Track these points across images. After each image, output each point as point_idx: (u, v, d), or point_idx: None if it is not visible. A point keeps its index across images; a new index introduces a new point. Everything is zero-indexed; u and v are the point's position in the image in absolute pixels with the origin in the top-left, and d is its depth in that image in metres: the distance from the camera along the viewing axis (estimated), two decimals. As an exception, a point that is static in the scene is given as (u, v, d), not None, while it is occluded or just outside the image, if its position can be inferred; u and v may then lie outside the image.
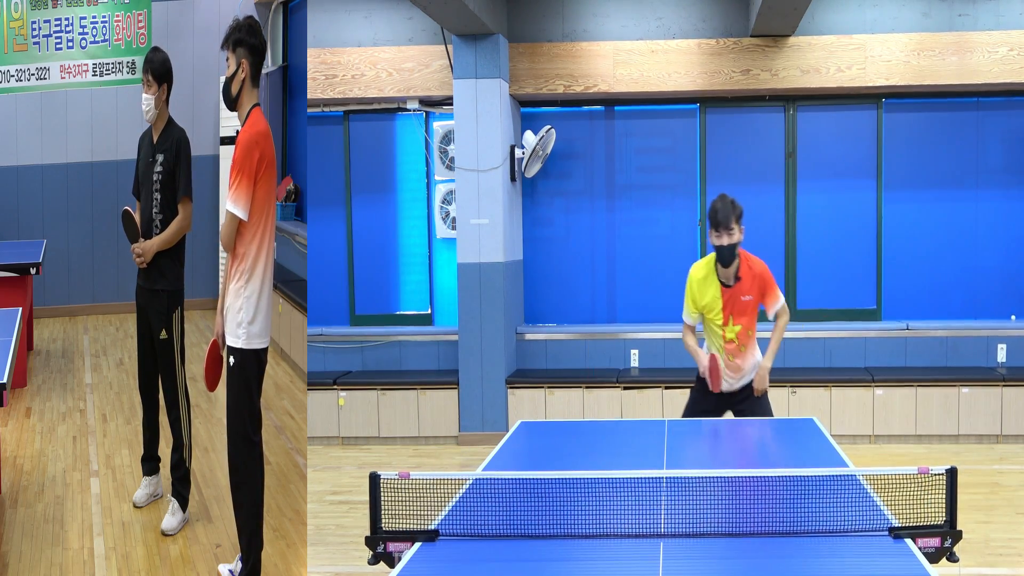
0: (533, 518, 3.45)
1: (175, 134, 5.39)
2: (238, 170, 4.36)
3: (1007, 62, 8.42)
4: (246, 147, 4.37)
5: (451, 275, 9.33)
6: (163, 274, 5.38)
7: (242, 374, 4.51)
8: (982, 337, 8.70)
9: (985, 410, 8.26)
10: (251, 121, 4.47)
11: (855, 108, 9.02)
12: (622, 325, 9.17)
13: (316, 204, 9.60)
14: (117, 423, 7.33)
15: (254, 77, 4.54)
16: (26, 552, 5.20)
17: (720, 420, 5.59)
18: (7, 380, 4.98)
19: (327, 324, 9.44)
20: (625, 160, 9.28)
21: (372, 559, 3.42)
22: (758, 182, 9.11)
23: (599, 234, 9.33)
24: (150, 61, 5.31)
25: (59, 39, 9.33)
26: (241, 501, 4.62)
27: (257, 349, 4.53)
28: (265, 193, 4.45)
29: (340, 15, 9.05)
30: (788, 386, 8.40)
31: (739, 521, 3.41)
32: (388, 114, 9.45)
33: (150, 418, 5.72)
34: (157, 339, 5.42)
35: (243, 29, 4.52)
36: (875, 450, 8.22)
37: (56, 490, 6.05)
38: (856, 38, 8.55)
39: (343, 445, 8.81)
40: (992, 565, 5.53)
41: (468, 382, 8.65)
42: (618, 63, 8.73)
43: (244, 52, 4.49)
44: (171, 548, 5.23)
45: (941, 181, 8.98)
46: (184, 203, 5.34)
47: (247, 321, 4.48)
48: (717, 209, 5.37)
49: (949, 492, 3.38)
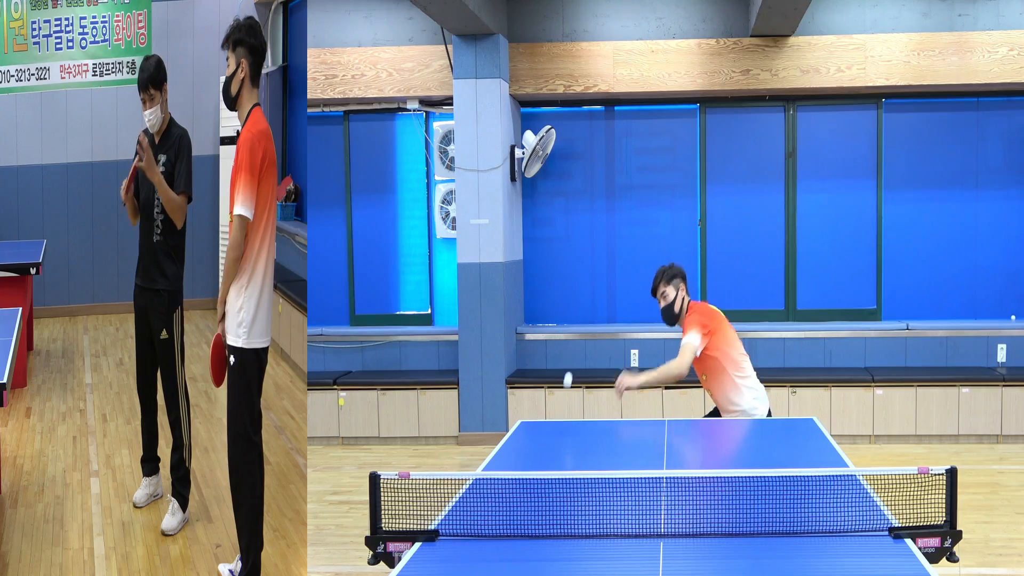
0: (533, 518, 3.45)
1: (178, 133, 5.38)
2: (241, 170, 4.36)
3: (1007, 62, 8.42)
4: (248, 147, 4.37)
5: (451, 275, 9.33)
6: (163, 273, 5.38)
7: (242, 374, 4.51)
8: (982, 337, 8.70)
9: (985, 410, 8.26)
10: (252, 121, 4.47)
11: (855, 108, 9.02)
12: (622, 325, 9.17)
13: (316, 204, 9.60)
14: (117, 423, 7.33)
15: (254, 77, 4.54)
16: (26, 552, 5.20)
17: (720, 420, 5.61)
18: (7, 380, 4.98)
19: (327, 324, 9.44)
20: (625, 160, 9.28)
21: (372, 559, 3.42)
22: (758, 182, 9.11)
23: (599, 234, 9.33)
24: (144, 71, 5.21)
25: (59, 39, 9.33)
26: (241, 501, 4.62)
27: (258, 348, 4.53)
28: (267, 192, 4.46)
29: (340, 15, 9.05)
30: (788, 386, 8.41)
31: (739, 521, 3.41)
32: (388, 114, 9.45)
33: (149, 419, 5.72)
34: (157, 339, 5.42)
35: (243, 29, 4.52)
36: (875, 450, 8.22)
37: (56, 490, 6.05)
38: (856, 38, 8.55)
39: (343, 445, 8.81)
40: (992, 565, 5.53)
41: (468, 382, 8.65)
42: (618, 63, 8.73)
43: (244, 52, 4.49)
44: (171, 548, 5.23)
45: (941, 181, 8.98)
46: (181, 197, 5.31)
47: (248, 321, 4.48)
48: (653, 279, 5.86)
49: (949, 492, 3.38)
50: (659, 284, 5.85)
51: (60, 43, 9.34)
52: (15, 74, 9.32)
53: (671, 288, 5.80)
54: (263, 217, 4.47)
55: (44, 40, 9.30)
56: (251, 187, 4.37)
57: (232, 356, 4.50)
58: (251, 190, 4.37)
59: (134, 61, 9.42)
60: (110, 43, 9.41)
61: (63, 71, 9.41)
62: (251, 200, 4.37)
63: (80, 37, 9.35)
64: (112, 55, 9.43)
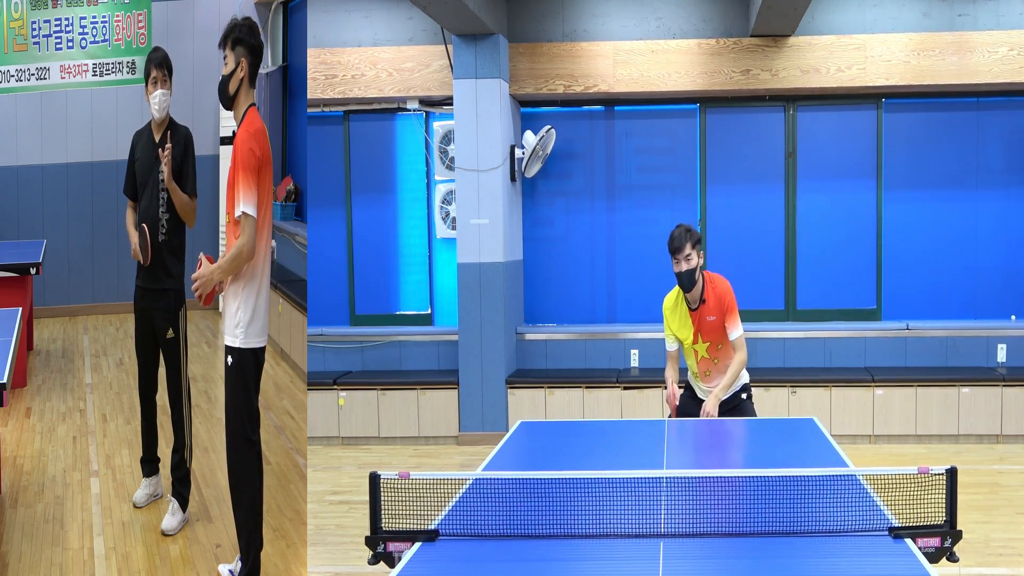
0: (533, 518, 3.45)
1: (181, 132, 5.40)
2: (241, 169, 4.36)
3: (1007, 62, 8.42)
4: (246, 146, 4.37)
5: (451, 275, 9.33)
6: (169, 273, 5.38)
7: (240, 373, 4.51)
8: (982, 337, 8.70)
9: (985, 410, 8.26)
10: (248, 120, 4.47)
11: (855, 108, 9.02)
12: (622, 325, 9.16)
13: (316, 204, 9.60)
14: (117, 423, 7.33)
15: (252, 77, 4.54)
16: (26, 552, 5.20)
17: (720, 420, 5.58)
18: (7, 380, 4.98)
19: (327, 324, 9.44)
20: (625, 160, 9.28)
21: (372, 559, 3.42)
22: (758, 182, 9.11)
23: (599, 234, 9.33)
24: (158, 54, 5.31)
25: (59, 39, 9.33)
26: (240, 500, 4.62)
27: (255, 348, 4.53)
28: (264, 192, 4.46)
29: (340, 15, 9.05)
30: (788, 386, 8.41)
31: (739, 521, 3.41)
32: (388, 114, 9.45)
33: (150, 421, 5.72)
34: (162, 339, 5.41)
35: (242, 28, 4.52)
36: (875, 450, 8.22)
37: (56, 490, 6.05)
38: (856, 38, 8.55)
39: (343, 445, 8.81)
40: (992, 565, 5.53)
41: (468, 382, 8.65)
42: (618, 63, 8.73)
43: (243, 51, 4.49)
44: (171, 548, 5.23)
45: (941, 181, 8.98)
46: (192, 198, 5.35)
47: (245, 321, 4.48)
48: (673, 237, 5.54)
49: (949, 492, 3.38)
50: (685, 245, 5.44)
51: (60, 43, 9.34)
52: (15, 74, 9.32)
53: (695, 253, 5.48)
54: (262, 216, 4.47)
55: (44, 40, 9.30)
56: (252, 185, 4.37)
57: (229, 356, 4.50)
58: (253, 188, 4.37)
59: (134, 61, 9.42)
60: (110, 43, 9.41)
61: (63, 71, 9.40)
62: (254, 198, 4.37)
63: (80, 37, 9.35)
64: (112, 55, 9.43)
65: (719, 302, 5.63)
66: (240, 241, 4.37)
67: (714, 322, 5.62)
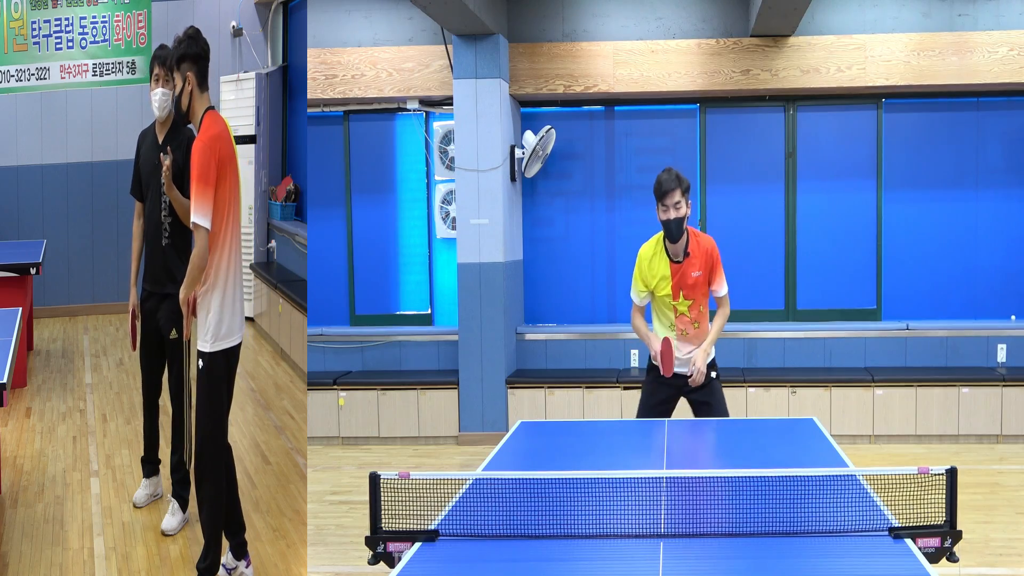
0: (533, 518, 3.45)
1: (184, 134, 5.38)
2: (194, 181, 4.33)
3: (1007, 62, 8.43)
4: (202, 156, 4.34)
5: (451, 275, 9.33)
6: (173, 278, 5.37)
7: (209, 377, 4.50)
8: (982, 337, 8.70)
9: (985, 410, 8.27)
10: (204, 127, 4.46)
11: (855, 108, 9.02)
12: (622, 325, 9.16)
13: (316, 204, 9.60)
14: (117, 423, 7.33)
15: (200, 84, 4.54)
16: (26, 552, 5.20)
17: (720, 420, 5.56)
18: (7, 380, 4.98)
19: (327, 324, 9.44)
20: (625, 160, 9.28)
21: (372, 559, 3.42)
22: (758, 182, 9.11)
23: (599, 234, 9.33)
24: (163, 52, 5.29)
25: (59, 39, 9.33)
26: (202, 499, 4.59)
27: (225, 350, 4.52)
28: (225, 195, 4.42)
29: (340, 15, 9.05)
30: (788, 386, 8.41)
31: (739, 521, 3.41)
32: (388, 114, 9.45)
33: (152, 422, 5.72)
34: (167, 340, 5.41)
35: (183, 43, 4.54)
36: (875, 450, 8.22)
37: (56, 490, 6.05)
38: (856, 38, 8.56)
39: (343, 445, 8.81)
40: (992, 565, 5.53)
41: (468, 382, 8.65)
42: (618, 63, 8.73)
43: (188, 66, 4.51)
44: (171, 548, 5.23)
45: (941, 181, 8.98)
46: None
47: (213, 325, 4.46)
48: (662, 181, 5.26)
49: (949, 492, 3.38)
50: (675, 190, 5.14)
51: (60, 43, 9.34)
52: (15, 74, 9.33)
53: (684, 201, 5.19)
54: (224, 222, 4.43)
55: (44, 40, 9.31)
56: (206, 196, 4.32)
57: (200, 360, 4.50)
58: (206, 199, 4.32)
59: (134, 61, 9.43)
60: (110, 43, 9.41)
61: (63, 71, 9.41)
62: (207, 208, 4.33)
63: (80, 37, 9.36)
64: (112, 55, 9.44)
65: (707, 256, 5.37)
66: (193, 252, 4.40)
67: (699, 278, 5.36)
